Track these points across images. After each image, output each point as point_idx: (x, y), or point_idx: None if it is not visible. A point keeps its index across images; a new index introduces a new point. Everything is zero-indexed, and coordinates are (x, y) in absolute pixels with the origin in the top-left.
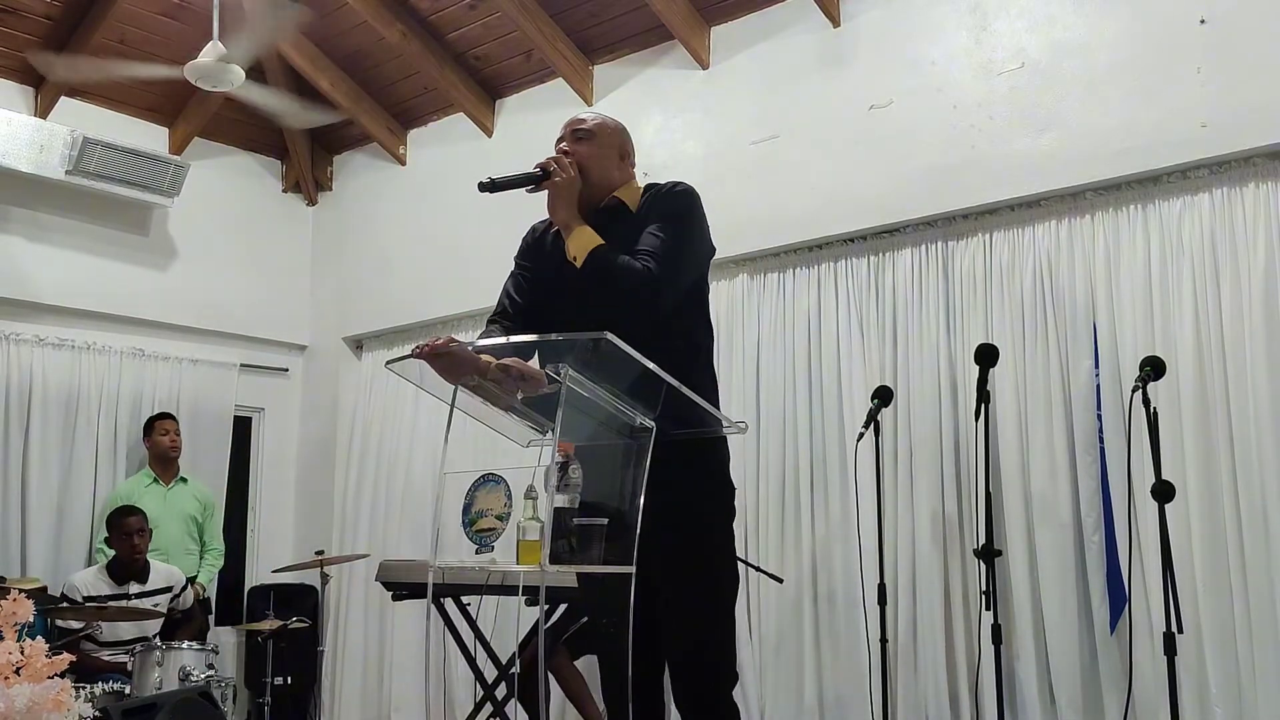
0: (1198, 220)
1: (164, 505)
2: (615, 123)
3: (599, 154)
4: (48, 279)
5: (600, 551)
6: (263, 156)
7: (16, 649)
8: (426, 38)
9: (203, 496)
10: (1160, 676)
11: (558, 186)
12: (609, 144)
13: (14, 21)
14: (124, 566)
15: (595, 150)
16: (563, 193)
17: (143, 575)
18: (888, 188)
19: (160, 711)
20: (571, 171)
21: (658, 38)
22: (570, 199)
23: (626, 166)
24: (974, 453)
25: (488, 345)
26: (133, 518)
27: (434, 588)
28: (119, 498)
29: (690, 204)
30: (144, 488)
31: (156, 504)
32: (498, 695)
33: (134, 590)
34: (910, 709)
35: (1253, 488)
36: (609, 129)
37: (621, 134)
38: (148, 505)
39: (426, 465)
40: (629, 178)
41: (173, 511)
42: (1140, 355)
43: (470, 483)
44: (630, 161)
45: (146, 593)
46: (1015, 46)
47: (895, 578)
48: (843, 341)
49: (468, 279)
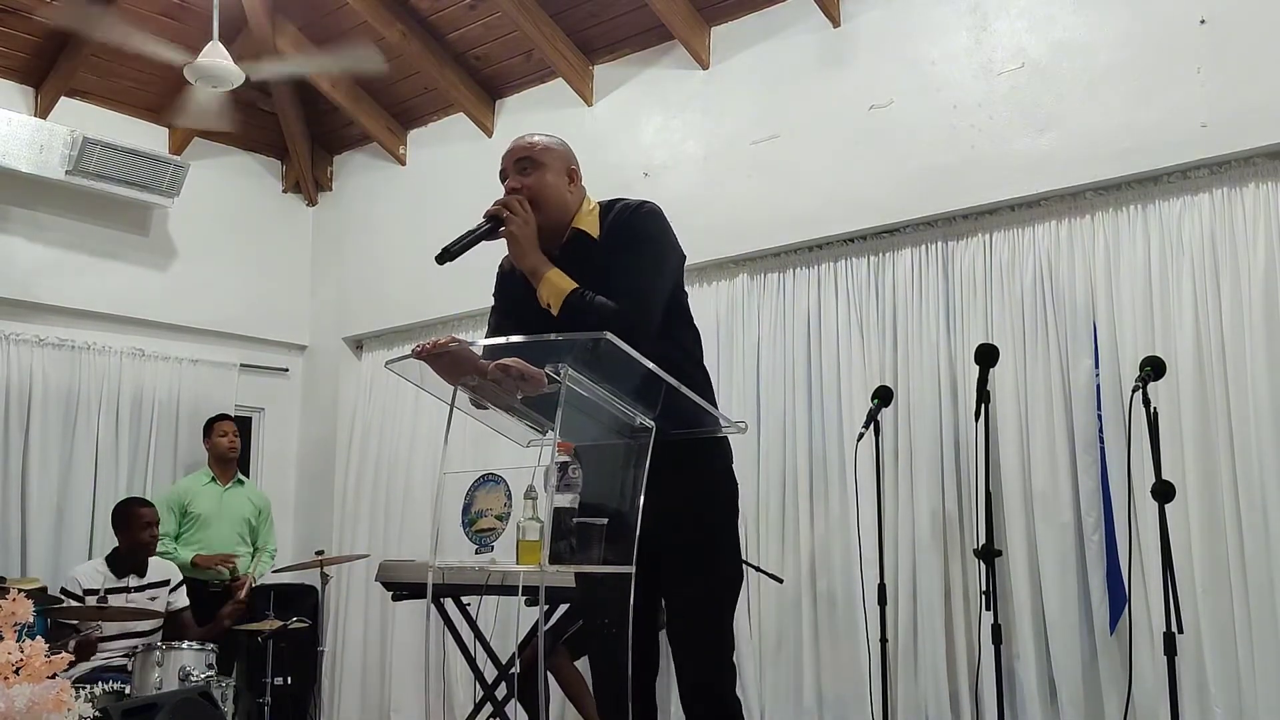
0: (1198, 220)
1: (219, 505)
2: (557, 143)
3: (549, 182)
4: (48, 279)
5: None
6: (263, 156)
7: (16, 649)
8: (426, 38)
9: (258, 500)
10: (1160, 676)
11: (514, 236)
12: (556, 168)
13: (14, 21)
14: (127, 558)
15: (544, 179)
16: (520, 239)
17: (141, 569)
18: (888, 188)
19: (160, 711)
20: (523, 212)
21: (658, 38)
22: (530, 243)
23: (578, 187)
24: (974, 453)
25: (487, 345)
26: (147, 509)
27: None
28: (179, 493)
29: (657, 227)
30: (201, 485)
31: (211, 503)
32: (498, 695)
33: (133, 583)
34: (910, 709)
35: (1253, 488)
36: (553, 152)
37: (566, 154)
38: (202, 503)
39: (426, 465)
40: (581, 196)
41: (227, 511)
42: (1140, 355)
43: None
44: (578, 179)
45: (145, 585)
46: (1015, 46)
47: (895, 578)
48: (843, 341)
49: (468, 279)
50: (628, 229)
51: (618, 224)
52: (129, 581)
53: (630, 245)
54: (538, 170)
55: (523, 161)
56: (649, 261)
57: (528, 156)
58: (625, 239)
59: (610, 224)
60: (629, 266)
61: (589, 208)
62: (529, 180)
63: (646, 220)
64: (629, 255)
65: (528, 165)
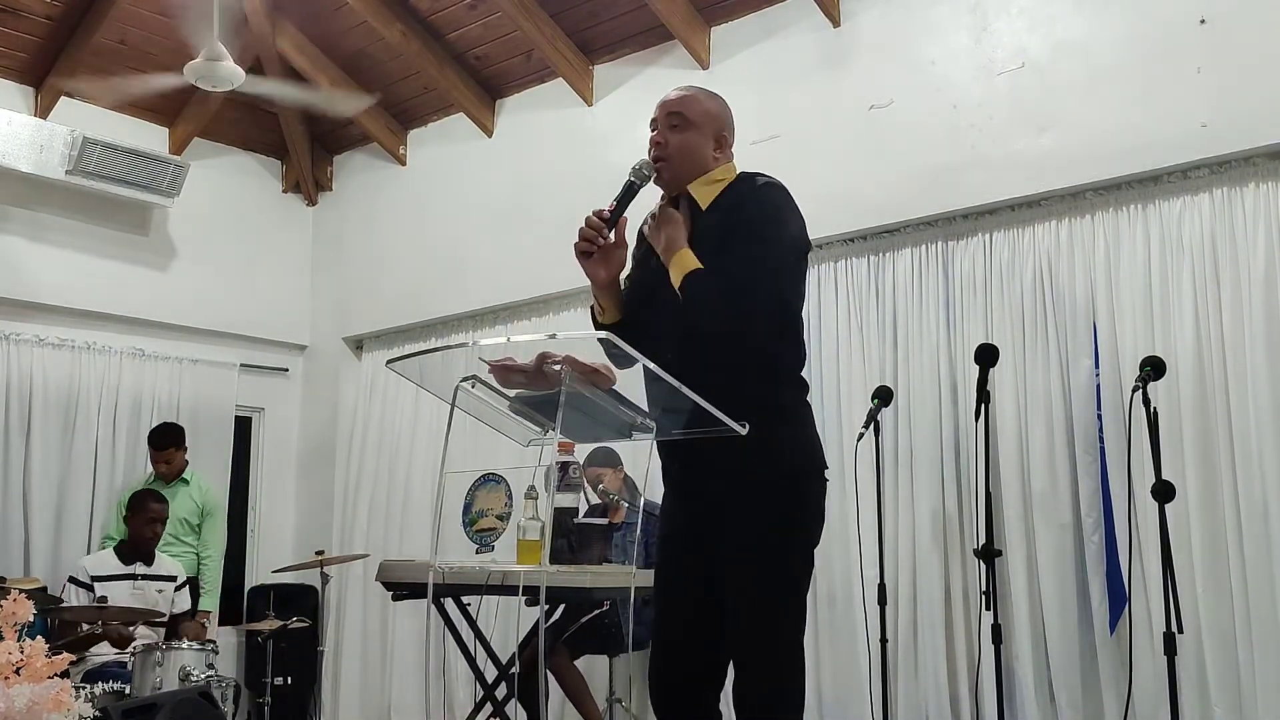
0: (1198, 220)
1: None
2: (714, 103)
3: (693, 143)
4: (48, 279)
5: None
6: (263, 156)
7: (16, 649)
8: (426, 38)
9: (201, 497)
10: (1160, 676)
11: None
12: (705, 129)
13: (14, 21)
14: (134, 548)
15: (689, 139)
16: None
17: (149, 559)
18: (888, 188)
19: (160, 711)
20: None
21: (658, 38)
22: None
23: (725, 154)
24: (974, 453)
25: (487, 346)
26: (158, 504)
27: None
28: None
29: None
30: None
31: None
32: (498, 695)
33: (140, 571)
34: (910, 709)
35: (1253, 488)
36: (707, 113)
37: (721, 116)
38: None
39: (426, 465)
40: (725, 163)
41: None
42: (1140, 355)
43: (470, 483)
44: (726, 146)
45: (152, 575)
46: (1015, 46)
47: (895, 578)
48: (843, 341)
49: (468, 279)
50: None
51: (737, 199)
52: (136, 569)
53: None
54: (685, 129)
55: (674, 117)
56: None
57: (680, 112)
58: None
59: (731, 198)
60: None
61: (719, 175)
62: (674, 137)
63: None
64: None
65: (677, 122)
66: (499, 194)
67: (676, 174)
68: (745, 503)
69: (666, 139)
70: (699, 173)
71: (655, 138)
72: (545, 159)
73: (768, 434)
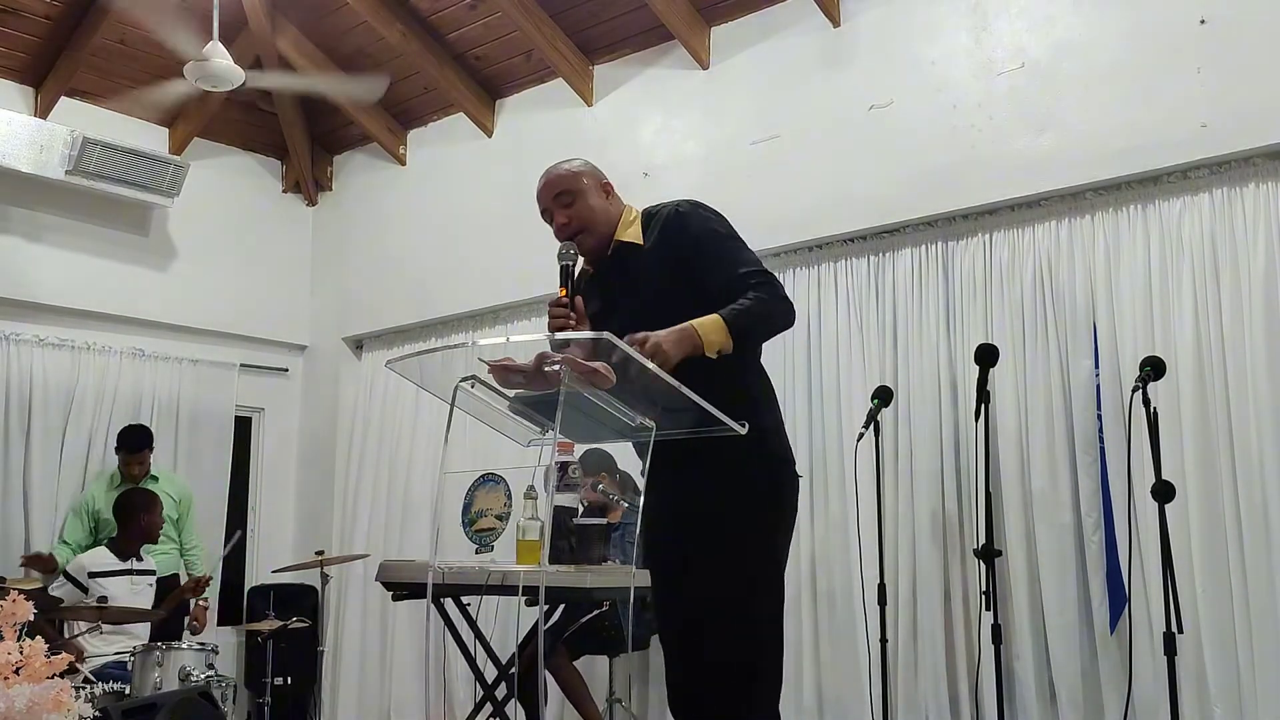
0: (1198, 220)
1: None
2: (579, 163)
3: (593, 206)
4: (48, 279)
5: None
6: (262, 156)
7: (16, 649)
8: (426, 38)
9: (175, 491)
10: (1160, 676)
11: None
12: (590, 190)
13: (14, 21)
14: (130, 544)
15: (584, 206)
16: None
17: (139, 555)
18: (888, 188)
19: (160, 711)
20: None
21: (658, 38)
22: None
23: (615, 198)
24: (974, 453)
25: (486, 346)
26: (149, 499)
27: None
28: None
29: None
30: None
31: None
32: (498, 695)
33: (135, 566)
34: (910, 709)
35: (1253, 488)
36: (582, 175)
37: (592, 171)
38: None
39: (426, 465)
40: (621, 207)
41: None
42: (1140, 355)
43: (470, 483)
44: (613, 190)
45: (140, 570)
46: (1015, 46)
47: (895, 578)
48: (842, 342)
49: (468, 279)
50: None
51: (669, 229)
52: (131, 564)
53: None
54: (579, 199)
55: (562, 196)
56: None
57: (565, 190)
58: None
59: (660, 230)
60: (721, 255)
61: (630, 217)
62: (573, 212)
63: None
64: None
65: (567, 197)
66: (499, 194)
67: (597, 237)
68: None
69: (568, 217)
70: (613, 225)
71: (559, 222)
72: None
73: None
